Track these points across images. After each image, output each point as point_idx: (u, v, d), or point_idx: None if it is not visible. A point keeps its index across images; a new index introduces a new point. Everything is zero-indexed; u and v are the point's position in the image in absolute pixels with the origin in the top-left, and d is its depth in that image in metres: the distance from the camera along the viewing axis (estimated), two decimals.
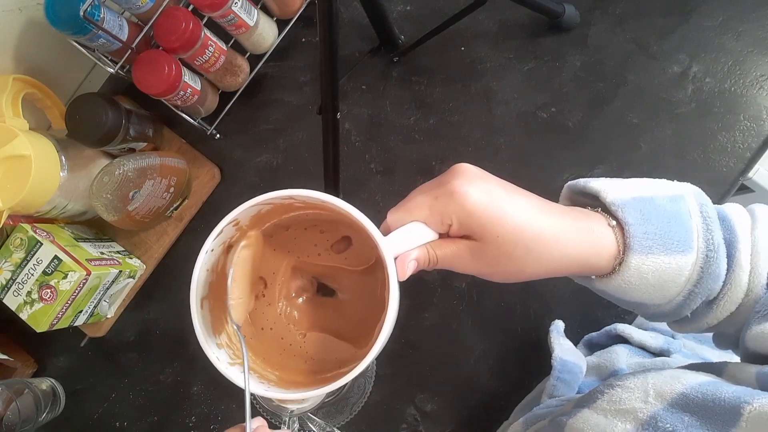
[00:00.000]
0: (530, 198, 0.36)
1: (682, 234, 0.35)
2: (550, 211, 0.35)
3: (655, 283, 0.36)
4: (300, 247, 0.41)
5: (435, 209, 0.35)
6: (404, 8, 0.72)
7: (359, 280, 0.41)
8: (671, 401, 0.31)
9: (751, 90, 0.64)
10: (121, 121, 0.63)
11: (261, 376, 0.38)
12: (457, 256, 0.36)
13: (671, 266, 0.35)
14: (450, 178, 0.35)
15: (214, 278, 0.37)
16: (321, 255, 0.41)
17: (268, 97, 0.74)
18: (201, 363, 0.71)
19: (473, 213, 0.33)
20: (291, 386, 0.38)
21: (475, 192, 0.34)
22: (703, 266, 0.35)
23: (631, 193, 0.37)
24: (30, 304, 0.62)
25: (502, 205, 0.34)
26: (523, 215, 0.34)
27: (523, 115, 0.68)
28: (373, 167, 0.70)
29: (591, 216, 0.36)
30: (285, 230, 0.41)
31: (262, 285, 0.41)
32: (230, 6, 0.63)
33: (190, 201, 0.73)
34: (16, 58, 0.65)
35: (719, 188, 0.64)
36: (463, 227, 0.34)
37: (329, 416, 0.65)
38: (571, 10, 0.66)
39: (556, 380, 0.51)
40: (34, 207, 0.61)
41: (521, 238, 0.33)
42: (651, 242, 0.35)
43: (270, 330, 0.41)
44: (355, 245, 0.41)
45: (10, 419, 0.63)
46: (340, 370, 0.39)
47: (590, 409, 0.35)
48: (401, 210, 0.36)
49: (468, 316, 0.66)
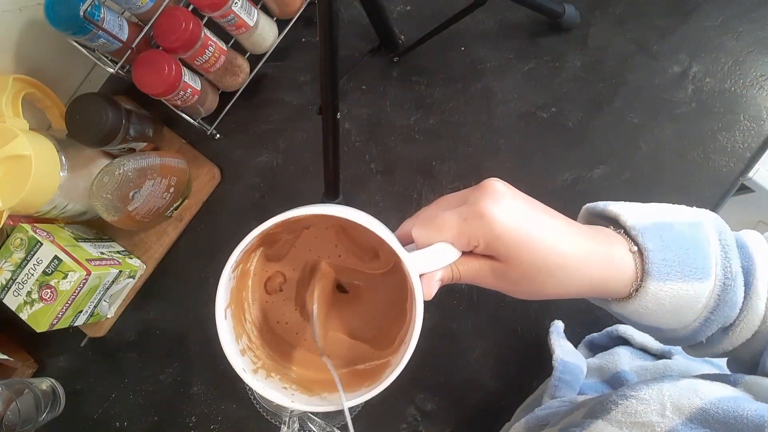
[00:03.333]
0: (557, 220, 0.36)
1: (700, 261, 0.35)
2: (575, 235, 0.35)
3: (672, 309, 0.36)
4: (321, 247, 0.41)
5: (463, 231, 0.34)
6: (404, 8, 0.72)
7: (377, 282, 0.42)
8: (690, 416, 0.31)
9: (751, 90, 0.64)
10: (121, 121, 0.63)
11: (282, 375, 0.39)
12: (480, 274, 0.36)
13: (688, 293, 0.35)
14: (479, 197, 0.34)
15: (234, 284, 0.37)
16: (341, 256, 0.42)
17: (268, 97, 0.74)
18: (201, 363, 0.71)
19: (501, 237, 0.33)
20: (311, 386, 0.38)
21: (504, 216, 0.33)
22: (720, 294, 0.35)
23: (650, 218, 0.37)
24: (30, 304, 0.62)
25: (530, 229, 0.34)
26: (549, 240, 0.34)
27: (523, 115, 0.68)
28: (373, 167, 0.70)
29: (613, 240, 0.36)
30: (306, 229, 0.41)
31: (280, 279, 0.41)
32: (230, 6, 0.63)
33: (190, 201, 0.73)
34: (16, 58, 0.65)
35: (719, 188, 0.64)
36: (489, 249, 0.35)
37: (329, 416, 0.65)
38: (571, 10, 0.66)
39: (558, 381, 0.51)
40: (34, 207, 0.61)
41: (545, 265, 0.34)
42: (669, 269, 0.35)
43: (285, 324, 0.42)
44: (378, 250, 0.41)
45: (10, 419, 0.63)
46: (356, 366, 0.40)
47: (604, 420, 0.34)
48: (429, 228, 0.35)
49: (468, 316, 0.66)
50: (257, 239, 0.36)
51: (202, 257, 0.72)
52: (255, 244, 0.37)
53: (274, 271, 0.41)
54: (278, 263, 0.41)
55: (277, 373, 0.39)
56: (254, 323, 0.40)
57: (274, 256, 0.41)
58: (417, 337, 0.35)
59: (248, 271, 0.40)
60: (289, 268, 0.42)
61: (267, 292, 0.42)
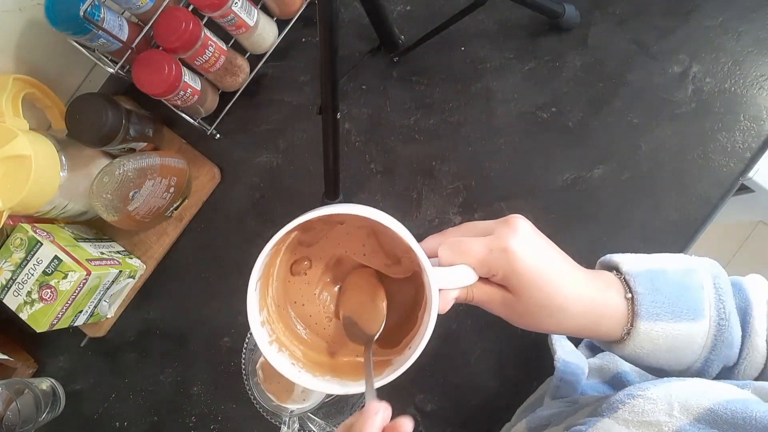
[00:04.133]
0: (566, 264, 0.40)
1: (692, 303, 0.38)
2: (578, 280, 0.39)
3: (668, 349, 0.38)
4: (349, 243, 0.45)
5: (486, 260, 0.38)
6: (404, 8, 0.72)
7: (394, 286, 0.44)
8: (698, 416, 0.31)
9: (751, 90, 0.64)
10: (121, 121, 0.63)
11: (289, 350, 0.42)
12: (491, 300, 0.40)
13: (681, 333, 0.38)
14: (506, 233, 0.38)
15: (268, 260, 0.40)
16: (366, 255, 0.45)
17: (268, 97, 0.74)
18: (201, 363, 0.71)
19: (517, 273, 0.37)
20: (315, 367, 0.41)
21: (524, 254, 0.37)
22: (716, 334, 0.38)
23: (646, 265, 0.40)
24: (30, 304, 0.62)
25: (543, 270, 0.38)
26: (557, 283, 0.38)
27: (523, 115, 0.68)
28: (373, 167, 0.70)
29: (611, 285, 0.40)
30: (340, 224, 0.44)
31: (306, 264, 0.45)
32: (230, 6, 0.63)
33: (190, 201, 0.73)
34: (16, 58, 0.65)
35: (719, 188, 0.64)
36: (505, 281, 0.38)
37: (329, 416, 0.65)
38: (571, 10, 0.66)
39: (560, 381, 0.51)
40: (34, 207, 0.61)
41: (548, 305, 0.38)
42: (659, 310, 0.38)
43: (302, 306, 0.45)
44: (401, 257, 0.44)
45: (10, 419, 0.63)
46: (357, 358, 0.43)
47: (611, 418, 0.34)
48: (456, 251, 0.39)
49: (468, 316, 0.66)
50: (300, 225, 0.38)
51: (202, 257, 0.72)
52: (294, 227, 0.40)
53: (303, 255, 0.44)
54: (308, 249, 0.44)
55: (287, 350, 0.42)
56: (274, 299, 0.43)
57: (305, 242, 0.44)
58: (425, 344, 0.37)
59: (280, 250, 0.43)
60: (316, 256, 0.45)
61: (291, 273, 0.45)
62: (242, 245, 0.71)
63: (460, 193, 0.68)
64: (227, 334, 0.70)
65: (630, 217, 0.64)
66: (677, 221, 0.64)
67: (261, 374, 0.56)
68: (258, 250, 0.76)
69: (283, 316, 0.43)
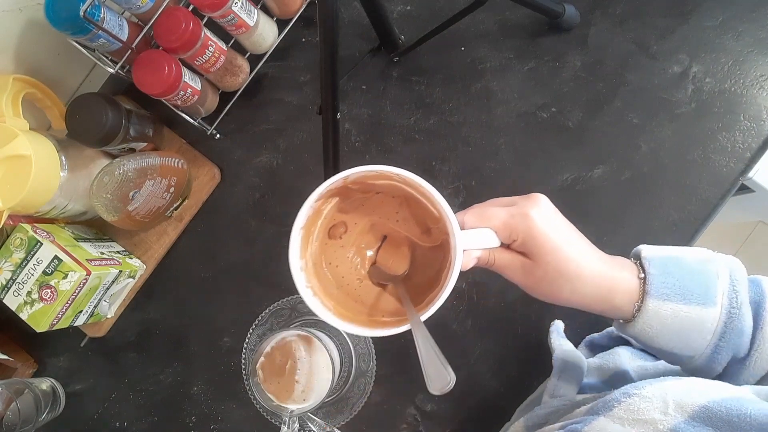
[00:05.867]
0: (583, 240, 0.42)
1: (704, 289, 0.40)
2: (593, 256, 0.41)
3: (677, 331, 0.40)
4: (383, 211, 0.49)
5: (508, 224, 0.41)
6: (404, 8, 0.72)
7: (423, 253, 0.48)
8: (692, 414, 0.31)
9: (751, 90, 0.64)
10: (121, 121, 0.63)
11: (322, 302, 0.45)
12: (510, 266, 0.42)
13: (690, 316, 0.39)
14: (528, 203, 0.41)
15: (311, 213, 0.44)
16: (399, 222, 0.49)
17: (268, 97, 0.74)
18: (201, 363, 0.71)
19: (536, 237, 0.40)
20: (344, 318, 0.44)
21: (544, 222, 0.40)
22: (727, 321, 0.39)
23: (664, 252, 0.42)
24: (30, 304, 0.62)
25: (560, 239, 0.40)
26: (572, 253, 0.40)
27: (523, 115, 0.68)
28: None
29: (626, 267, 0.42)
30: (376, 194, 0.48)
31: (342, 229, 0.49)
32: (230, 6, 0.63)
33: (190, 201, 0.73)
34: (16, 58, 0.65)
35: (719, 188, 0.64)
36: (524, 246, 0.41)
37: (329, 416, 0.65)
38: (571, 10, 0.66)
39: (558, 380, 0.51)
40: (34, 207, 0.61)
41: (566, 270, 0.40)
42: (669, 291, 0.39)
43: (336, 267, 0.49)
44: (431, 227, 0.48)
45: (10, 419, 0.63)
46: (383, 318, 0.46)
47: (606, 417, 0.34)
48: (480, 217, 0.42)
49: (468, 316, 0.66)
50: (341, 182, 0.43)
51: (202, 257, 0.72)
52: (333, 192, 0.45)
53: (341, 220, 0.48)
54: (345, 215, 0.48)
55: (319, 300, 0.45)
56: (311, 256, 0.47)
57: (344, 209, 0.48)
58: (445, 298, 0.40)
59: (321, 212, 0.47)
60: (352, 222, 0.49)
61: (329, 236, 0.49)
62: (242, 245, 0.72)
63: (460, 193, 0.68)
64: (227, 334, 0.70)
65: (630, 217, 0.64)
66: (677, 221, 0.64)
67: (261, 374, 0.56)
68: (258, 249, 0.76)
69: (319, 273, 0.47)
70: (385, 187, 0.47)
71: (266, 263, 0.71)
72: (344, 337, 0.67)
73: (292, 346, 0.57)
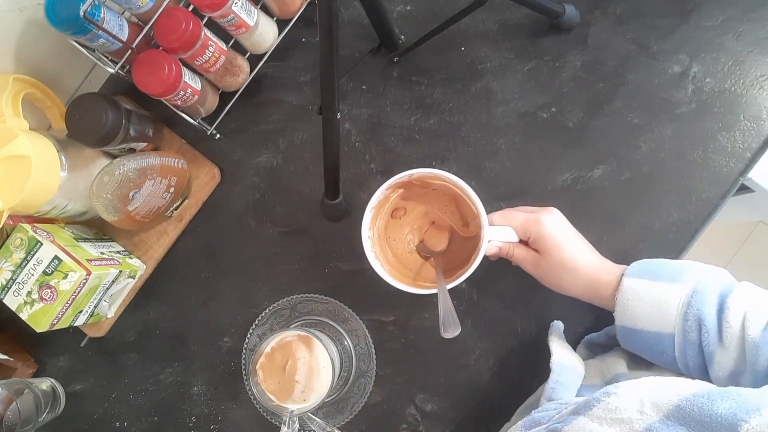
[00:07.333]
0: (584, 244, 0.56)
1: (673, 273, 0.49)
2: (591, 255, 0.56)
3: (652, 303, 0.48)
4: (435, 203, 0.64)
5: (524, 224, 0.55)
6: (404, 8, 0.72)
7: (459, 240, 0.63)
8: (667, 413, 0.32)
9: (751, 90, 0.65)
10: (121, 121, 0.63)
11: (381, 264, 0.59)
12: (525, 258, 0.57)
13: (660, 290, 0.48)
14: (543, 211, 0.56)
15: (381, 197, 0.59)
16: (446, 213, 0.64)
17: (268, 97, 0.74)
18: (201, 363, 0.71)
19: (545, 237, 0.54)
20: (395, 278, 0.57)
21: (552, 226, 0.54)
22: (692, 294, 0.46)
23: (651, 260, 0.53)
24: (30, 304, 0.62)
25: (563, 240, 0.54)
26: (572, 251, 0.54)
27: (523, 115, 0.68)
28: (373, 167, 0.70)
29: (615, 268, 0.54)
30: (432, 189, 0.63)
31: (403, 212, 0.65)
32: (230, 6, 0.63)
33: (190, 201, 0.73)
34: (16, 58, 0.65)
35: (719, 188, 0.64)
36: (536, 243, 0.55)
37: (329, 416, 0.65)
38: (571, 10, 0.66)
39: (555, 383, 0.51)
40: (34, 207, 0.61)
41: (564, 264, 0.54)
42: (643, 273, 0.50)
43: (393, 240, 0.65)
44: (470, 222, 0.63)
45: (10, 419, 0.63)
46: (424, 283, 0.61)
47: (586, 416, 0.35)
48: (504, 218, 0.57)
49: (468, 316, 0.66)
50: (407, 177, 0.58)
51: (202, 257, 0.72)
52: (400, 184, 0.60)
53: (402, 206, 0.64)
54: (406, 202, 0.64)
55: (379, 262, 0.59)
56: (378, 230, 0.63)
57: (406, 197, 0.63)
58: (468, 275, 0.55)
59: (389, 198, 0.62)
60: (411, 208, 0.65)
61: (392, 216, 0.64)
62: (242, 245, 0.72)
63: None
64: (227, 334, 0.70)
65: (630, 217, 0.64)
66: (677, 221, 0.64)
67: (261, 374, 0.56)
68: (258, 249, 0.76)
69: (381, 243, 0.63)
70: (440, 186, 0.61)
71: (266, 263, 0.71)
72: (344, 337, 0.67)
73: (292, 346, 0.57)
